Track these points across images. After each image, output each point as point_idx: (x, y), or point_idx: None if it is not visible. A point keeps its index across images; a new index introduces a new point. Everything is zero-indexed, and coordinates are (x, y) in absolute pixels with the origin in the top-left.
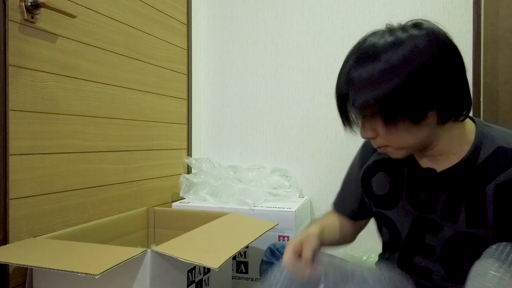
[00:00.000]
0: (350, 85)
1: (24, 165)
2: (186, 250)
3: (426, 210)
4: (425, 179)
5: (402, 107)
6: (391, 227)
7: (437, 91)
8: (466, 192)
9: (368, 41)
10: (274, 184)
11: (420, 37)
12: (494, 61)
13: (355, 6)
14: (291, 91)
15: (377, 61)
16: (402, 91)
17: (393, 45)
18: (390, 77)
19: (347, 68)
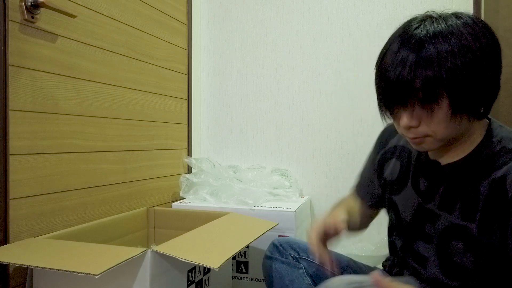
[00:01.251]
0: (421, 69)
1: (24, 165)
2: (186, 250)
3: (426, 199)
4: (429, 170)
5: (474, 96)
6: (396, 212)
7: (496, 83)
8: (463, 186)
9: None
10: (274, 184)
11: (484, 25)
12: None
13: (355, 6)
14: (291, 91)
15: (454, 43)
16: (477, 72)
17: (465, 28)
18: (469, 61)
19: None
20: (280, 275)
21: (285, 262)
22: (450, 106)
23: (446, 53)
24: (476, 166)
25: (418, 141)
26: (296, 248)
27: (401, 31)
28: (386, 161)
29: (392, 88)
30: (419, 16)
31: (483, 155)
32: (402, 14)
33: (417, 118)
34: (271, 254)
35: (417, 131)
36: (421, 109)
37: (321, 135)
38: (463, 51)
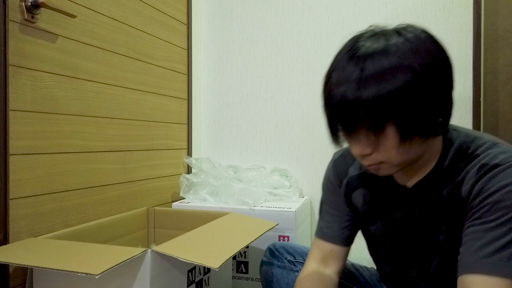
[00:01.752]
0: (363, 90)
1: (24, 165)
2: (186, 250)
3: (405, 227)
4: (399, 198)
5: (421, 118)
6: (376, 241)
7: (446, 99)
8: (431, 200)
9: (370, 45)
10: (274, 184)
11: (428, 38)
12: (494, 61)
13: (355, 6)
14: (291, 91)
15: (394, 62)
16: (424, 97)
17: (405, 44)
18: (411, 80)
19: (354, 76)
20: (277, 279)
21: (281, 266)
22: (398, 133)
23: (385, 74)
24: (440, 179)
25: (374, 168)
26: (292, 252)
27: (348, 47)
28: (353, 192)
29: (338, 109)
30: (366, 31)
31: (444, 166)
32: (402, 14)
33: (368, 145)
34: (267, 259)
35: (371, 158)
36: (369, 136)
37: (321, 135)
38: (403, 70)
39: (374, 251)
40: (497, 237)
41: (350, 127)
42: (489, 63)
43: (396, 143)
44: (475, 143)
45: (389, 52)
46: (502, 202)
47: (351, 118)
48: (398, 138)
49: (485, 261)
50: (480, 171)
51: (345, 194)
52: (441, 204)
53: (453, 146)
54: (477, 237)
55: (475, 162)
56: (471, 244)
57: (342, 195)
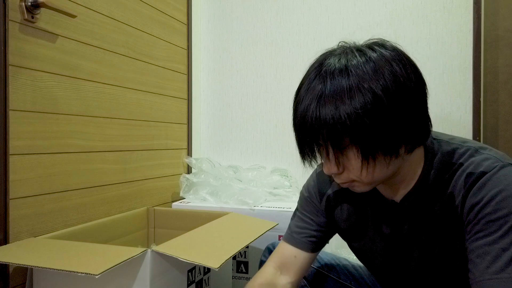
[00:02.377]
0: (322, 109)
1: (24, 165)
2: (186, 250)
3: (394, 242)
4: (388, 212)
5: (382, 139)
6: (363, 256)
7: (413, 119)
8: (422, 214)
9: (333, 63)
10: (274, 184)
11: (395, 58)
12: (494, 61)
13: (355, 6)
14: (291, 91)
15: (353, 82)
16: (384, 119)
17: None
18: (370, 102)
19: (315, 94)
20: None
21: None
22: (359, 151)
23: (343, 94)
24: (428, 192)
25: (347, 186)
26: None
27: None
28: (336, 207)
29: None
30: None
31: (431, 179)
32: (402, 14)
33: (336, 164)
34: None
35: (342, 177)
36: (335, 155)
37: None
38: (362, 92)
39: (364, 263)
40: (503, 248)
41: (313, 146)
42: (489, 63)
43: (360, 163)
44: (457, 152)
45: (349, 72)
46: (497, 212)
47: (313, 137)
48: (360, 157)
49: (499, 277)
50: (468, 180)
51: (326, 208)
52: (435, 218)
53: (436, 157)
54: (484, 252)
55: (460, 171)
56: (479, 261)
57: (323, 209)
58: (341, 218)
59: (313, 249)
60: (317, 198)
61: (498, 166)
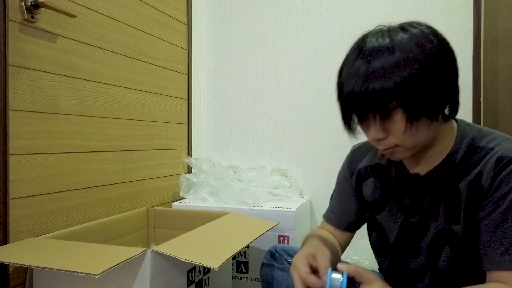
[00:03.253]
0: (370, 82)
1: (24, 165)
2: (186, 250)
3: (412, 214)
4: (411, 184)
5: (426, 102)
6: (380, 231)
7: (450, 86)
8: (444, 190)
9: (374, 40)
10: (274, 184)
11: (431, 33)
12: (494, 61)
13: (355, 6)
14: (291, 91)
15: (399, 56)
16: (426, 82)
17: (410, 39)
18: (415, 71)
19: (363, 70)
20: (277, 281)
21: (281, 268)
22: (405, 116)
23: (391, 67)
24: (453, 169)
25: (389, 152)
26: (292, 254)
27: (356, 45)
28: (363, 181)
29: (350, 101)
30: (373, 30)
31: (458, 157)
32: (402, 14)
33: (381, 130)
34: (267, 262)
35: (385, 142)
36: (380, 121)
37: (321, 135)
38: (409, 62)
39: (377, 243)
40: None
41: (361, 115)
42: (489, 63)
43: (405, 126)
44: (489, 137)
45: (394, 47)
46: None
47: (361, 107)
48: (405, 120)
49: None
50: (498, 164)
51: (355, 183)
52: (459, 194)
53: (466, 139)
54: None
55: (490, 155)
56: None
57: (353, 184)
58: (367, 191)
59: (347, 228)
60: (349, 173)
61: None
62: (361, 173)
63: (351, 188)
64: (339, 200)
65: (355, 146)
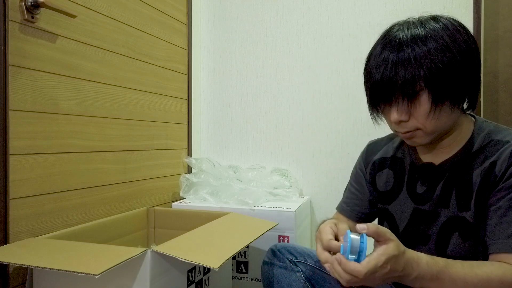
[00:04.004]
0: (401, 69)
1: (24, 165)
2: (186, 250)
3: (423, 202)
4: (425, 173)
5: (452, 86)
6: (391, 221)
7: (474, 77)
8: (457, 178)
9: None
10: (274, 184)
11: (460, 25)
12: (494, 61)
13: (355, 6)
14: (291, 91)
15: (432, 44)
16: (455, 70)
17: (442, 30)
18: (446, 60)
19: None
20: (278, 280)
21: (282, 267)
22: (431, 99)
23: (424, 54)
24: (468, 159)
25: (409, 135)
26: (294, 252)
27: (383, 36)
28: (377, 172)
29: (377, 86)
30: (400, 22)
31: (474, 148)
32: (402, 14)
33: (405, 112)
34: (269, 260)
35: (407, 125)
36: (406, 104)
37: (321, 135)
38: (441, 51)
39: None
40: None
41: (388, 96)
42: (489, 63)
43: (429, 108)
44: (506, 132)
45: (428, 36)
46: None
47: (389, 89)
48: (431, 102)
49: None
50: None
51: (370, 175)
52: (471, 182)
53: (483, 132)
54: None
55: (507, 146)
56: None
57: (368, 175)
58: (381, 182)
59: (360, 219)
60: (364, 165)
61: None
62: (376, 164)
63: (365, 180)
64: (352, 192)
65: (370, 141)
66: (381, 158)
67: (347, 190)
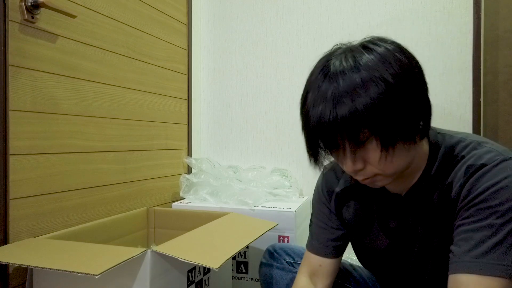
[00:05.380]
0: (339, 108)
1: (24, 165)
2: (186, 250)
3: (398, 237)
4: (393, 205)
5: (400, 125)
6: (366, 253)
7: (422, 103)
8: (422, 205)
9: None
10: (274, 184)
11: (397, 49)
12: (494, 61)
13: (355, 6)
14: (291, 91)
15: (365, 76)
16: (399, 106)
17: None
18: (383, 91)
19: (329, 95)
20: (276, 281)
21: (279, 268)
22: (379, 142)
23: (357, 89)
24: (429, 183)
25: (369, 182)
26: (291, 253)
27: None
28: (343, 205)
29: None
30: (336, 50)
31: (432, 171)
32: (402, 14)
33: (358, 160)
34: (266, 261)
35: (365, 172)
36: (356, 151)
37: None
38: (375, 83)
39: (365, 261)
40: (487, 236)
41: (333, 145)
42: (489, 63)
43: (381, 154)
44: (460, 145)
45: (359, 68)
46: (489, 201)
47: (331, 136)
48: (381, 148)
49: (478, 261)
50: (468, 172)
51: (335, 207)
52: (432, 208)
53: (440, 149)
54: (468, 237)
55: (461, 163)
56: (462, 244)
57: (333, 208)
58: (348, 215)
59: (335, 254)
60: (327, 198)
61: (499, 160)
62: (339, 196)
63: (332, 213)
64: (321, 227)
65: (326, 168)
66: (343, 189)
67: (313, 226)
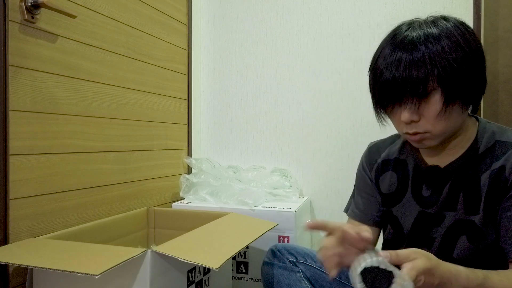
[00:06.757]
0: (414, 70)
1: (24, 165)
2: (186, 250)
3: (428, 205)
4: (430, 176)
5: (464, 86)
6: (395, 224)
7: (482, 77)
8: (464, 181)
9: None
10: (274, 184)
11: (467, 26)
12: (494, 61)
13: (355, 6)
14: (291, 91)
15: (446, 42)
16: (467, 68)
17: (454, 29)
18: (459, 58)
19: (403, 55)
20: (278, 280)
21: (282, 267)
22: (443, 99)
23: (438, 52)
24: (474, 161)
25: (418, 138)
26: (294, 252)
27: (391, 36)
28: (381, 175)
29: (388, 87)
30: (406, 21)
31: (479, 150)
32: (402, 14)
33: (416, 112)
34: (269, 260)
35: (417, 125)
36: (417, 103)
37: (321, 135)
38: (455, 50)
39: (390, 236)
40: None
41: (399, 96)
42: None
43: (440, 108)
44: (508, 133)
45: (441, 34)
46: None
47: (401, 88)
48: (442, 102)
49: None
50: None
51: (374, 178)
52: (479, 186)
53: (487, 133)
54: None
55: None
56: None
57: (373, 178)
58: (384, 184)
59: (374, 222)
60: (368, 168)
61: None
62: (379, 166)
63: (372, 184)
64: (363, 196)
65: (371, 143)
66: (384, 160)
67: (355, 196)
